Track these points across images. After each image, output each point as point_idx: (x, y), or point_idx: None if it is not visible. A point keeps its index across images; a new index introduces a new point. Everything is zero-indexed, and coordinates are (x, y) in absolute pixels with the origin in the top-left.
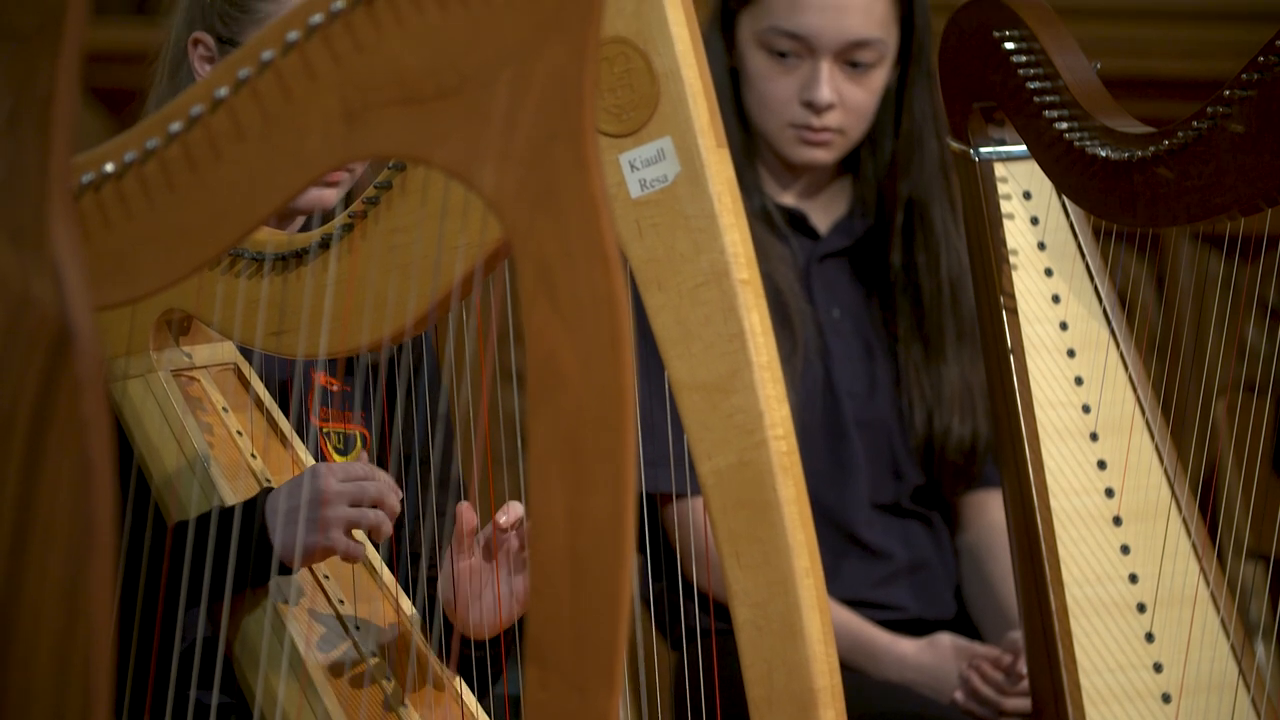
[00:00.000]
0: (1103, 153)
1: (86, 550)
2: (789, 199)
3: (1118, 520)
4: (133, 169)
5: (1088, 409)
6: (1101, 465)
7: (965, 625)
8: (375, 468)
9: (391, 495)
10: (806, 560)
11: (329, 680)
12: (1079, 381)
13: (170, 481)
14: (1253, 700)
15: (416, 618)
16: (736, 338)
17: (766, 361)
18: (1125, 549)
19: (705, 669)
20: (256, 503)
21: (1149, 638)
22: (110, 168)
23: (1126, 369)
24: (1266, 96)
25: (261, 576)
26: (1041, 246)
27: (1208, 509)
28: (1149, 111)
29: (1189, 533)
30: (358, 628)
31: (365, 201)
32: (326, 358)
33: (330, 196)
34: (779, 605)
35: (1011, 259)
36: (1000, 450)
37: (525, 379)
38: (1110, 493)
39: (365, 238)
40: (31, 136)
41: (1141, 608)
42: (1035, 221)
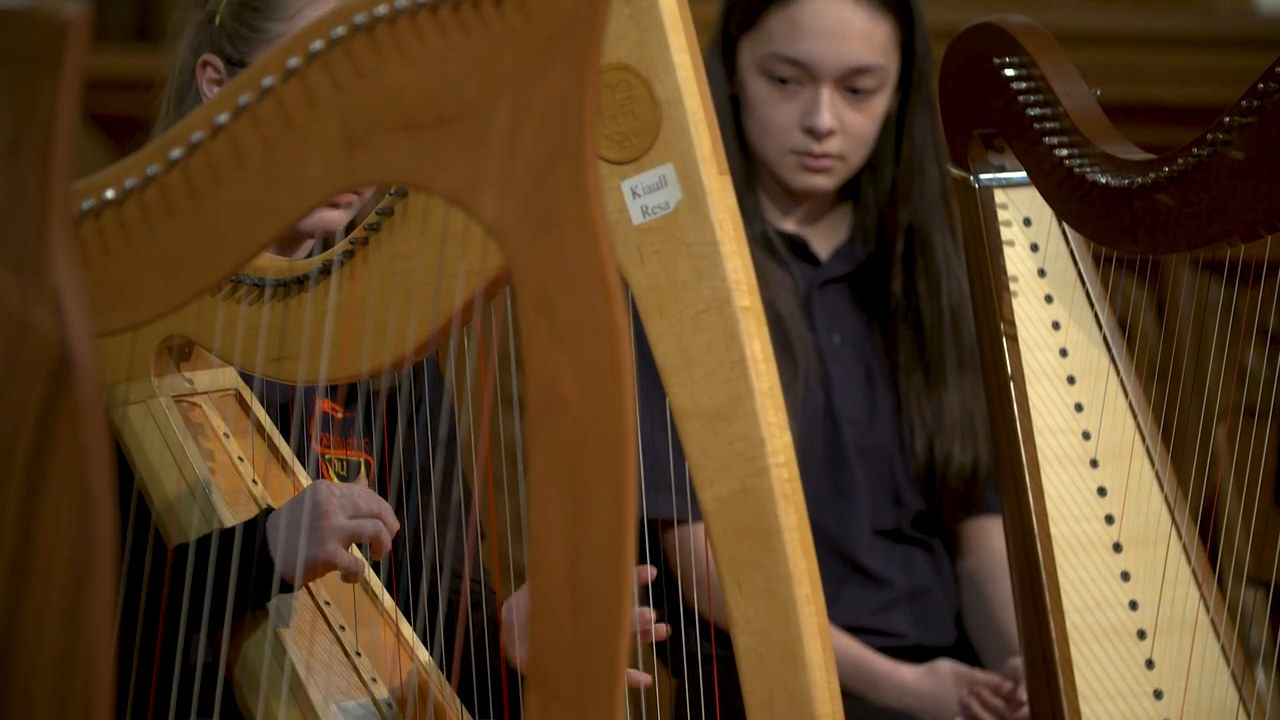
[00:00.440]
0: (1103, 179)
1: (87, 576)
2: (790, 225)
3: (1118, 547)
4: (133, 195)
5: (1088, 435)
6: (1102, 492)
7: (965, 652)
8: (375, 493)
9: (389, 512)
10: (808, 588)
11: (329, 706)
12: (1079, 408)
13: (171, 507)
14: None
15: (425, 659)
16: (738, 365)
17: (768, 388)
18: (1125, 575)
19: (706, 695)
20: (258, 522)
21: (1149, 664)
22: (111, 194)
23: (1126, 395)
24: (1266, 123)
25: (263, 595)
26: (1042, 273)
27: (1208, 535)
28: (1149, 138)
29: (1189, 559)
30: (359, 654)
31: (367, 228)
32: (327, 384)
33: (337, 218)
34: (780, 632)
35: (1012, 285)
36: (1000, 477)
37: (525, 405)
38: (1110, 519)
39: (366, 264)
40: (32, 163)
41: (1142, 634)
42: (1035, 248)
